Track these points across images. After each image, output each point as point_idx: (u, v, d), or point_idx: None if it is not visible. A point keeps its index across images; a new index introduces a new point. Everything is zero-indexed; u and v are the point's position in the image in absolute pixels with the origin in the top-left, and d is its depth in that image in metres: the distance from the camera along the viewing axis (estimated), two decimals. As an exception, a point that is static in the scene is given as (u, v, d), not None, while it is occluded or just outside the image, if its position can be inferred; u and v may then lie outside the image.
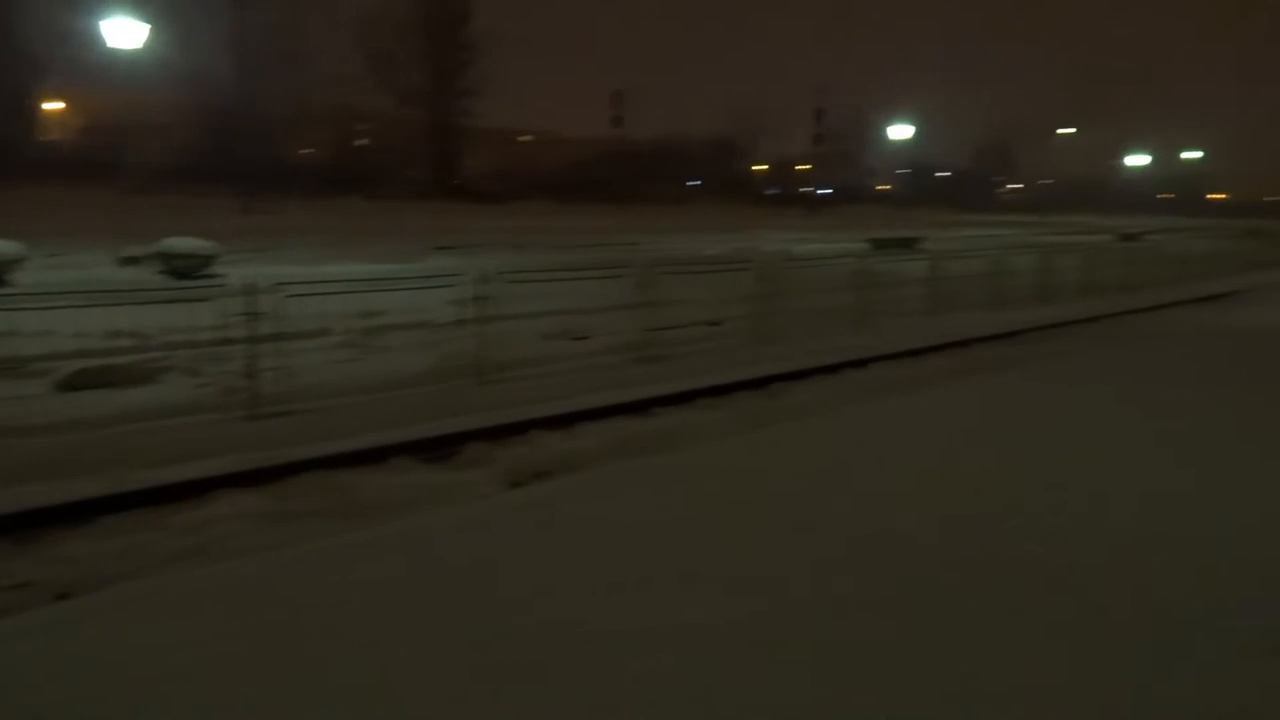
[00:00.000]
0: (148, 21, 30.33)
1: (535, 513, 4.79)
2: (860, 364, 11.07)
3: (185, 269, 17.01)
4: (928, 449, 6.19)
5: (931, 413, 7.48)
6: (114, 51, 30.93)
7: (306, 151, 56.14)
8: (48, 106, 50.35)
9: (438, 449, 7.13)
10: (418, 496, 5.99)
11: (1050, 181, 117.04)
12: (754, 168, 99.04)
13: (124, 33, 29.96)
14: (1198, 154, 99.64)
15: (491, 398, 8.60)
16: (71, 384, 8.29)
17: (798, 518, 4.69)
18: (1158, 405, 7.94)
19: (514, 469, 6.89)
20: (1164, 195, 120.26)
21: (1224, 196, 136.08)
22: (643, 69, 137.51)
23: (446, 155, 64.67)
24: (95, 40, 31.44)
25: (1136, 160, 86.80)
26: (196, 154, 44.82)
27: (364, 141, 62.28)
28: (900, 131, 62.69)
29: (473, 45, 65.10)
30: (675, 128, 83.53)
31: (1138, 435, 6.85)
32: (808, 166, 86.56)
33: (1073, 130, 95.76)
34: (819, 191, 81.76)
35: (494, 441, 7.42)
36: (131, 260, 18.49)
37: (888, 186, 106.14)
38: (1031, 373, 9.71)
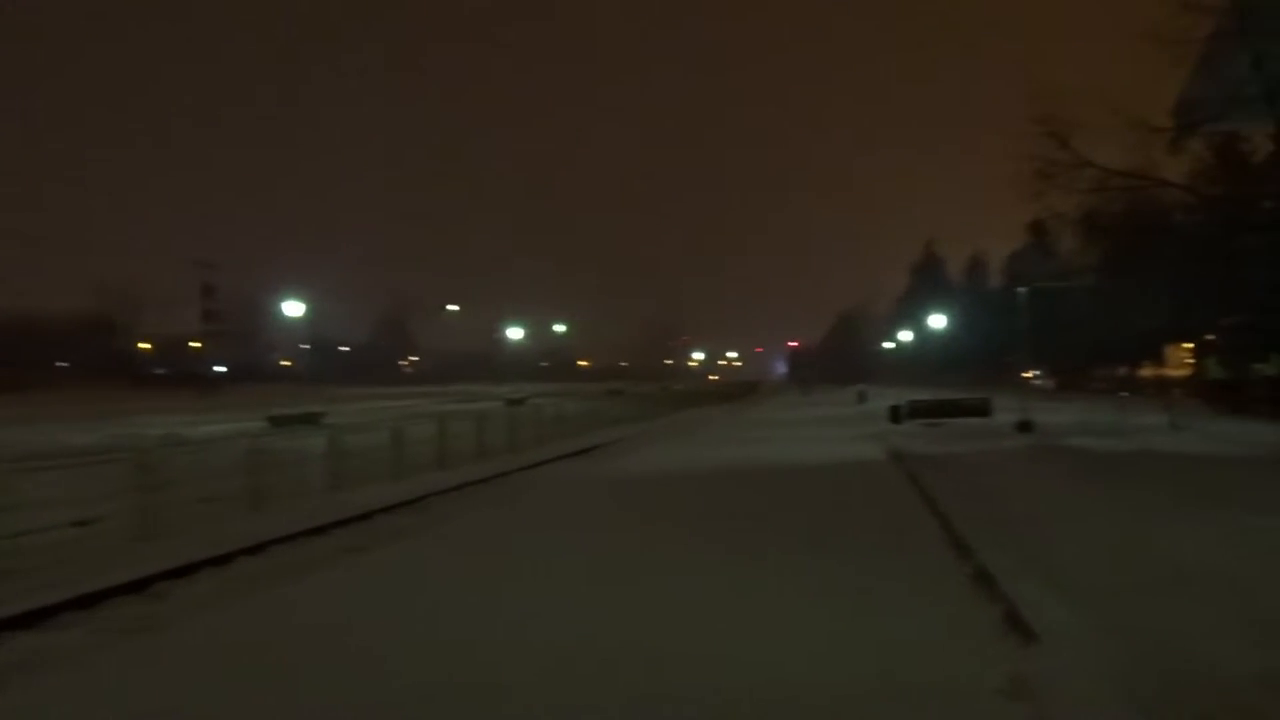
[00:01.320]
0: None
1: None
2: (257, 550, 10.43)
3: None
4: (306, 642, 5.98)
5: (321, 599, 7.31)
6: None
7: None
8: None
9: None
10: None
11: (448, 355, 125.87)
12: (139, 345, 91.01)
13: None
14: (563, 327, 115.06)
15: None
16: None
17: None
18: (522, 559, 8.68)
19: None
20: (543, 364, 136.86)
21: (588, 363, 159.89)
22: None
23: None
24: None
25: (514, 333, 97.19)
26: None
27: None
28: (294, 308, 62.54)
29: None
30: (35, 304, 73.24)
31: (497, 596, 7.39)
32: (200, 344, 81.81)
33: (456, 308, 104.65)
34: (214, 370, 77.51)
35: None
36: None
37: (290, 362, 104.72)
38: (423, 543, 10.10)
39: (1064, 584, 6.73)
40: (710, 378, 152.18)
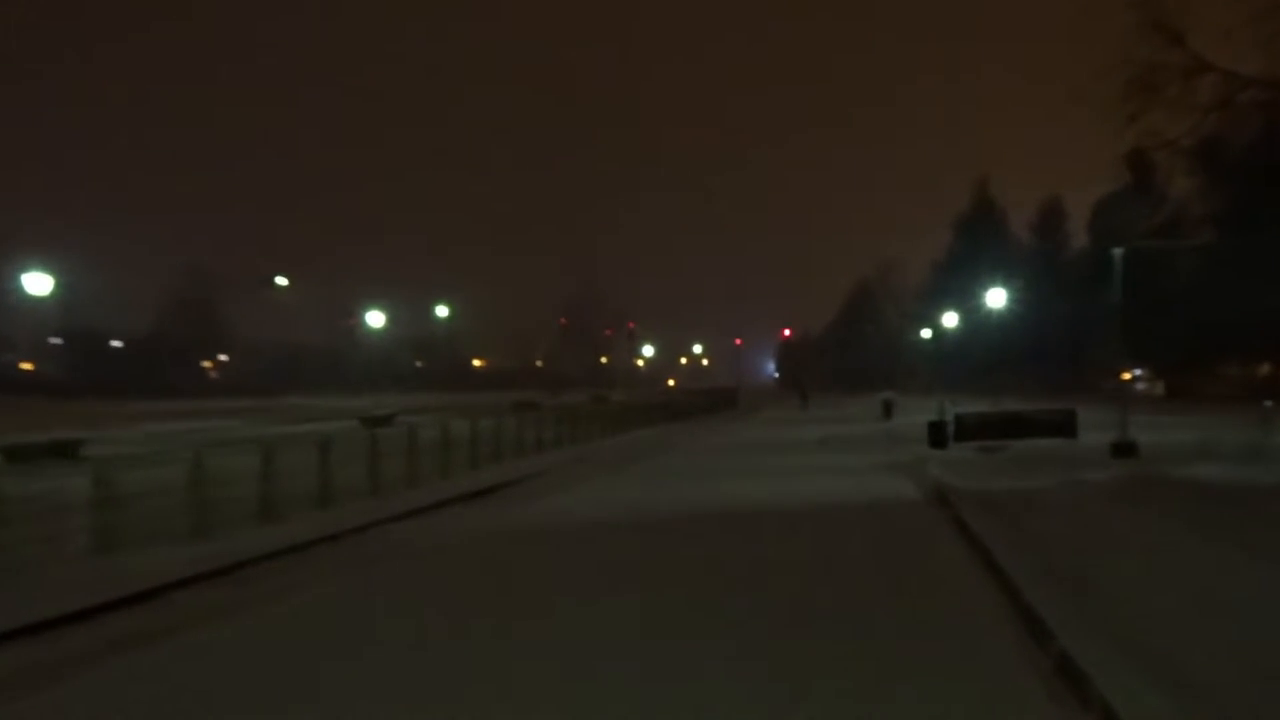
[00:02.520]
0: None
1: None
2: (-14, 647, 10.10)
3: None
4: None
5: None
6: None
7: None
8: None
9: None
10: None
11: (276, 352, 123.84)
12: None
13: None
14: (446, 310, 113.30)
15: None
16: None
17: None
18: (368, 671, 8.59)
19: None
20: (418, 364, 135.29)
21: (484, 363, 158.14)
22: None
23: None
24: None
25: (375, 320, 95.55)
26: None
27: None
28: (37, 283, 58.89)
29: None
30: None
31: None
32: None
33: (286, 281, 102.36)
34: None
35: None
36: None
37: (32, 365, 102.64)
38: (229, 637, 10.12)
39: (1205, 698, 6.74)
40: (668, 383, 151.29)
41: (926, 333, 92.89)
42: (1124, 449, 24.55)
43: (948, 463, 25.09)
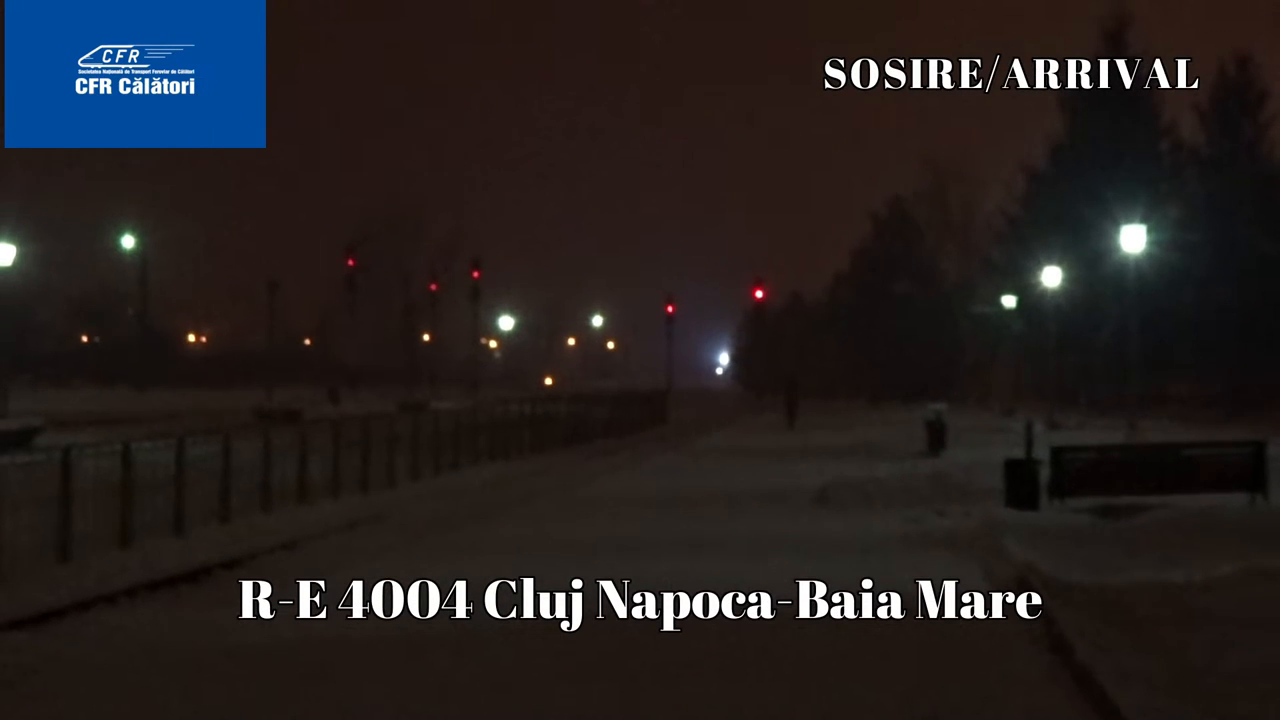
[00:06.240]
0: None
1: None
2: None
3: None
4: None
5: None
6: None
7: None
8: None
9: None
10: None
11: None
12: None
13: None
14: (133, 243, 78.85)
15: None
16: None
17: None
18: None
19: None
20: (87, 338, 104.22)
21: (203, 340, 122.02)
22: None
23: None
24: None
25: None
26: None
27: None
28: None
29: None
30: None
31: None
32: None
33: None
34: None
35: None
36: None
37: None
38: None
39: None
40: (544, 381, 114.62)
41: (1010, 300, 61.78)
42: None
43: (1040, 535, 17.44)
